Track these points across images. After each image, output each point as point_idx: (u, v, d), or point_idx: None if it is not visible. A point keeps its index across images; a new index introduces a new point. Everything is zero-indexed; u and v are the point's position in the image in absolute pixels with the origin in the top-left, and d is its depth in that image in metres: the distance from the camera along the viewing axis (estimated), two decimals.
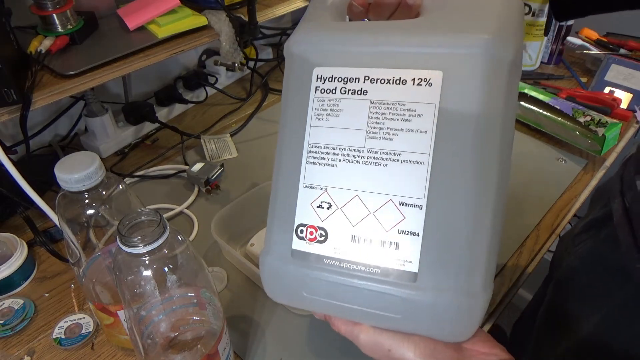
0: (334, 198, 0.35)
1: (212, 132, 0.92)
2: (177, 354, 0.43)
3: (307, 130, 0.36)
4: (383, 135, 0.34)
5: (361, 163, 0.34)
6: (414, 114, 0.33)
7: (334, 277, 0.35)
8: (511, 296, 0.62)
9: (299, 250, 0.37)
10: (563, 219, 0.72)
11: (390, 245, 0.34)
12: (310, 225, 0.36)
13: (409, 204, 0.33)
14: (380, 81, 0.34)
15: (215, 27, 0.76)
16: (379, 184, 0.34)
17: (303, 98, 0.36)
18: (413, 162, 0.33)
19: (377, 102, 0.34)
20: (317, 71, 0.36)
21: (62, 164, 0.44)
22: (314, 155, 0.36)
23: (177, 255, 0.40)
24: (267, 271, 0.39)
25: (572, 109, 0.85)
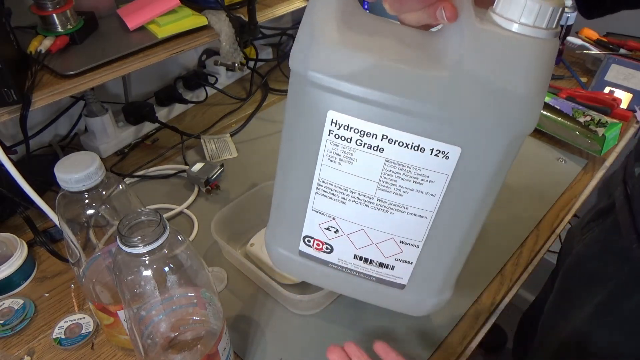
0: (341, 226, 0.39)
1: (212, 132, 0.92)
2: (177, 354, 0.43)
3: (319, 166, 0.37)
4: (394, 190, 0.36)
5: (370, 208, 0.37)
6: (427, 179, 0.35)
7: (336, 274, 0.42)
8: (511, 296, 0.62)
9: (305, 252, 0.42)
10: (563, 219, 0.72)
11: (387, 267, 0.41)
12: (317, 239, 0.41)
13: (408, 243, 0.38)
14: (399, 143, 0.33)
15: (215, 27, 0.76)
16: (384, 226, 0.38)
17: (314, 134, 0.35)
18: (417, 216, 0.37)
19: (392, 161, 0.34)
20: (331, 115, 0.34)
21: (62, 164, 0.44)
22: (324, 189, 0.38)
23: (177, 255, 0.40)
24: (275, 255, 0.45)
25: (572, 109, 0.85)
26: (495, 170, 0.34)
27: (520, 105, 0.31)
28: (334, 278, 0.43)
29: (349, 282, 0.42)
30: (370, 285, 0.42)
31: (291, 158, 0.38)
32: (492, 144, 0.33)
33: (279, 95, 1.04)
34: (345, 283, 0.43)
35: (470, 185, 0.35)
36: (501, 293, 0.62)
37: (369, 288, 0.42)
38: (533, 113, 0.32)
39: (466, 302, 0.60)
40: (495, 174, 0.35)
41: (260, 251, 0.64)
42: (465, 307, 0.60)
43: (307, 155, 0.37)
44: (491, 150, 0.33)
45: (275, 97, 1.03)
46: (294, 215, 0.40)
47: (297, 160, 0.38)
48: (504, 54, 0.30)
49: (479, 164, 0.34)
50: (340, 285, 0.44)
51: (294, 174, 0.39)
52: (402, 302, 0.44)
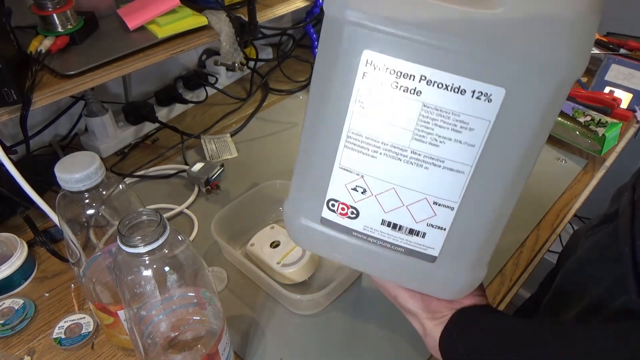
0: (369, 185, 0.36)
1: (212, 132, 0.92)
2: (177, 354, 0.43)
3: (349, 115, 0.34)
4: (430, 140, 0.33)
5: (403, 162, 0.34)
6: (466, 126, 0.32)
7: (361, 245, 0.38)
8: (511, 296, 0.62)
9: (328, 219, 0.38)
10: (563, 219, 0.72)
11: (418, 234, 0.36)
12: (342, 202, 0.37)
13: (442, 204, 0.35)
14: (438, 85, 0.31)
15: (215, 27, 0.76)
16: (417, 183, 0.34)
17: (346, 77, 0.33)
18: (454, 171, 0.33)
19: (430, 106, 0.32)
20: (366, 55, 0.32)
21: (62, 164, 0.44)
22: (353, 142, 0.35)
23: (177, 255, 0.40)
24: (295, 227, 0.41)
25: (572, 109, 0.85)
26: (541, 118, 0.31)
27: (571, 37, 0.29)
28: (358, 251, 0.38)
29: (373, 256, 0.38)
30: (398, 259, 0.37)
31: (319, 110, 0.35)
32: (539, 84, 0.30)
33: (279, 95, 1.04)
34: (370, 257, 0.38)
35: (513, 135, 0.32)
36: (501, 293, 0.62)
37: (396, 262, 0.38)
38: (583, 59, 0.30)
39: None
40: (540, 122, 0.31)
41: (261, 251, 0.64)
42: None
43: (338, 103, 0.34)
44: (538, 92, 0.30)
45: (276, 97, 1.03)
46: (319, 176, 0.37)
47: (325, 111, 0.35)
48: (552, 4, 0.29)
49: (524, 109, 0.31)
50: (364, 260, 0.39)
51: (321, 127, 0.36)
52: (432, 279, 0.38)
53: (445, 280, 0.38)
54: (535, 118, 0.31)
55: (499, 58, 0.30)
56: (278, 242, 0.65)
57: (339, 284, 0.58)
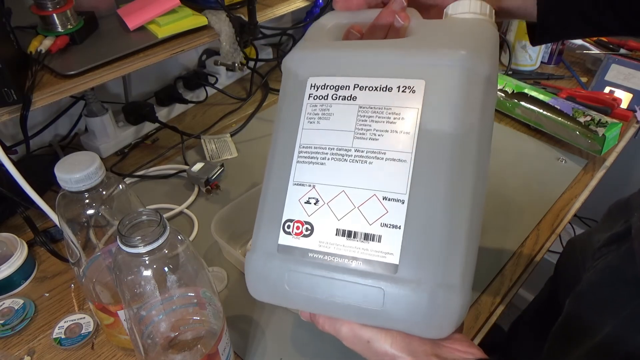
0: (321, 194, 0.37)
1: (212, 132, 0.92)
2: (177, 354, 0.43)
3: (300, 132, 0.39)
4: (369, 136, 0.36)
5: (348, 161, 0.37)
6: (398, 117, 0.36)
7: (317, 270, 0.36)
8: (511, 296, 0.62)
9: (284, 244, 0.37)
10: (563, 219, 0.72)
11: (374, 238, 0.35)
12: (297, 220, 0.37)
13: (391, 198, 0.35)
14: (369, 88, 0.37)
15: (215, 27, 0.76)
16: (364, 181, 0.36)
17: (297, 104, 0.39)
18: (396, 160, 0.35)
19: (364, 106, 0.37)
20: (311, 80, 0.39)
21: (62, 164, 0.44)
22: (304, 154, 0.38)
23: (177, 255, 0.40)
24: (251, 269, 0.39)
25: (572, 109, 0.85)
26: (461, 101, 0.35)
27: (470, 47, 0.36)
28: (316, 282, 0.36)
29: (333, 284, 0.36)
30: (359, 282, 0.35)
31: (277, 142, 0.41)
32: (451, 77, 0.36)
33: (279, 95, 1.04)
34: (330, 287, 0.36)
35: (441, 120, 0.35)
36: (501, 293, 0.62)
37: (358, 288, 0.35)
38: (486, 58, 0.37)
39: None
40: (463, 106, 0.36)
41: None
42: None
43: (290, 126, 0.39)
44: (452, 82, 0.36)
45: (276, 97, 1.03)
46: (276, 201, 0.39)
47: (281, 138, 0.40)
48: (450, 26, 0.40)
49: (444, 96, 0.36)
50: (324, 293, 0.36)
51: (278, 153, 0.40)
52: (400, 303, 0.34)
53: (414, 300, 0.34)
54: (457, 104, 0.35)
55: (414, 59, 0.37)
56: None
57: None
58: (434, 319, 0.34)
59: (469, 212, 0.35)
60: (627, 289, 0.50)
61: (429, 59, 0.37)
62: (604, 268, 0.55)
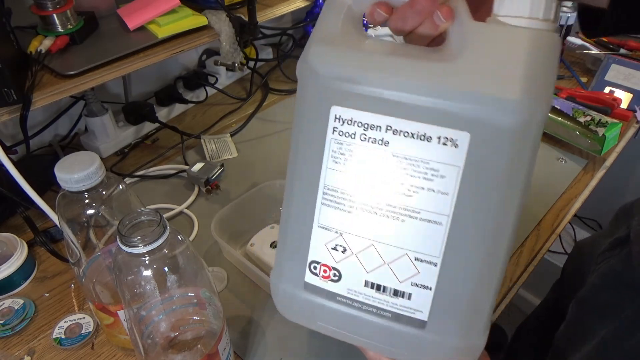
0: (349, 243, 0.35)
1: (212, 132, 0.92)
2: (177, 354, 0.43)
3: (323, 171, 0.35)
4: (403, 191, 0.33)
5: (379, 215, 0.34)
6: (437, 174, 0.32)
7: (346, 311, 0.36)
8: (511, 296, 0.62)
9: (312, 284, 0.37)
10: (563, 219, 0.72)
11: (404, 295, 0.34)
12: (324, 264, 0.36)
13: (424, 260, 0.33)
14: (404, 134, 0.32)
15: (215, 27, 0.76)
16: (395, 238, 0.34)
17: (319, 135, 0.34)
18: (432, 222, 0.33)
19: (399, 156, 0.32)
20: (335, 110, 0.34)
21: (62, 164, 0.44)
22: (329, 198, 0.35)
23: (177, 255, 0.40)
24: (280, 294, 0.40)
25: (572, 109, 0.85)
26: (511, 161, 0.31)
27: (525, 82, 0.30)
28: (344, 319, 0.37)
29: (361, 324, 0.37)
30: (386, 327, 0.36)
31: (296, 168, 0.37)
32: (501, 128, 0.30)
33: (279, 95, 1.04)
34: (357, 326, 0.37)
35: (485, 180, 0.31)
36: (501, 293, 0.62)
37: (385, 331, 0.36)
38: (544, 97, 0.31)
39: None
40: (511, 165, 0.31)
41: (260, 251, 0.64)
42: None
43: (312, 159, 0.35)
44: (501, 135, 0.30)
45: (276, 97, 1.03)
46: (299, 238, 0.37)
47: (302, 168, 0.36)
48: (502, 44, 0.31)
49: (491, 152, 0.31)
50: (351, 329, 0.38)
51: (298, 185, 0.36)
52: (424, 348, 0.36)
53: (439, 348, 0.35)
54: (505, 161, 0.31)
55: (459, 104, 0.30)
56: None
57: None
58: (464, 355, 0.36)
59: (501, 268, 0.34)
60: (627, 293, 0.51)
61: (477, 109, 0.30)
62: (606, 272, 0.56)
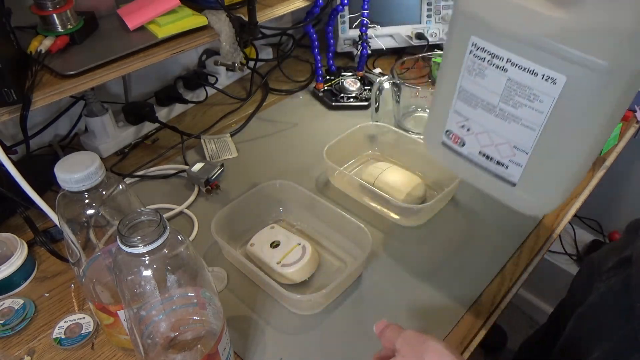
0: (472, 126, 0.49)
1: (212, 132, 0.92)
2: (177, 354, 0.43)
3: (461, 77, 0.48)
4: (512, 104, 0.45)
5: (493, 115, 0.47)
6: (537, 98, 0.43)
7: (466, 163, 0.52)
8: (511, 296, 0.62)
9: (446, 142, 0.53)
10: (563, 219, 0.72)
11: (503, 165, 0.49)
12: (455, 134, 0.51)
13: (520, 148, 0.46)
14: (518, 67, 0.43)
15: (215, 27, 0.76)
16: (503, 132, 0.47)
17: (460, 52, 0.47)
18: (528, 127, 0.45)
19: (512, 80, 0.44)
20: (473, 39, 0.45)
21: (62, 164, 0.44)
22: (462, 95, 0.49)
23: (177, 255, 0.40)
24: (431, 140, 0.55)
25: None
26: (595, 104, 0.40)
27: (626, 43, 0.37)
28: (464, 166, 0.52)
29: (474, 172, 0.51)
30: (489, 178, 0.50)
31: (445, 71, 0.51)
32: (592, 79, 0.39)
33: (279, 95, 1.04)
34: (472, 172, 0.51)
35: (569, 111, 0.41)
36: (501, 293, 0.62)
37: (489, 180, 0.50)
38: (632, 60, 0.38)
39: (466, 302, 0.61)
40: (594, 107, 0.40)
41: (261, 251, 0.64)
42: (465, 307, 0.60)
43: (455, 68, 0.48)
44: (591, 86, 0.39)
45: (275, 97, 1.03)
46: (442, 113, 0.51)
47: (448, 72, 0.50)
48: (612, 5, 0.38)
49: (578, 95, 0.40)
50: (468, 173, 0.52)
51: (445, 82, 0.50)
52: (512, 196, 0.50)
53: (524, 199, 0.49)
54: (589, 103, 0.40)
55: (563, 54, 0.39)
56: (278, 242, 0.65)
57: (339, 284, 0.58)
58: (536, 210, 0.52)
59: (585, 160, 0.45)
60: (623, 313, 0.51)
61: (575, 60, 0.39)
62: (606, 291, 0.56)
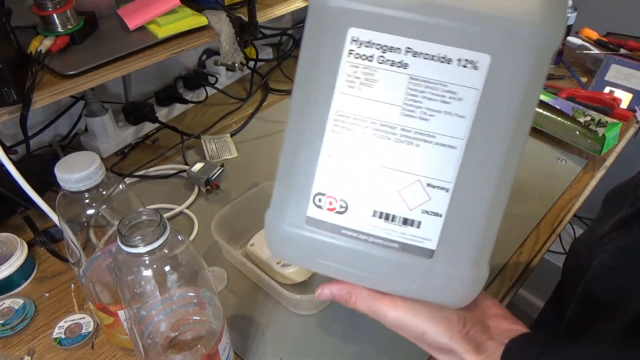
0: (358, 171, 0.34)
1: (212, 132, 0.92)
2: (177, 353, 0.43)
3: (335, 96, 0.33)
4: (419, 114, 0.32)
5: (392, 140, 0.33)
6: (455, 97, 0.32)
7: (350, 245, 0.35)
8: (511, 296, 0.62)
9: (314, 218, 0.35)
10: (563, 219, 0.72)
11: (413, 223, 0.34)
12: (330, 195, 0.35)
13: (436, 186, 0.33)
14: (424, 56, 0.32)
15: (215, 27, 0.76)
16: (408, 163, 0.33)
17: (332, 59, 0.33)
18: (447, 146, 0.32)
19: (417, 78, 0.32)
20: (352, 32, 0.32)
21: (62, 164, 0.44)
22: (340, 124, 0.34)
23: (177, 255, 0.40)
24: (277, 234, 0.37)
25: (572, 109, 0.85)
26: (527, 87, 0.32)
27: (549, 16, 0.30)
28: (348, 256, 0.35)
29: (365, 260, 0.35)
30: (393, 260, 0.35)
31: (304, 96, 0.35)
32: (522, 51, 0.31)
33: (279, 95, 1.04)
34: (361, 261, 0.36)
35: (502, 104, 0.32)
36: (501, 293, 0.62)
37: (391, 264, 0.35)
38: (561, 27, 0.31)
39: None
40: (526, 92, 0.32)
41: (260, 251, 0.64)
42: None
43: (324, 85, 0.34)
44: (522, 58, 0.31)
45: (276, 97, 1.03)
46: (304, 168, 0.35)
47: (310, 96, 0.35)
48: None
49: (510, 75, 0.31)
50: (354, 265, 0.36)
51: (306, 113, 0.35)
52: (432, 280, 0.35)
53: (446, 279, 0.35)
54: (522, 86, 0.31)
55: (481, 26, 0.30)
56: None
57: None
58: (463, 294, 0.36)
59: (506, 200, 0.35)
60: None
61: (500, 30, 0.30)
62: (617, 252, 0.55)
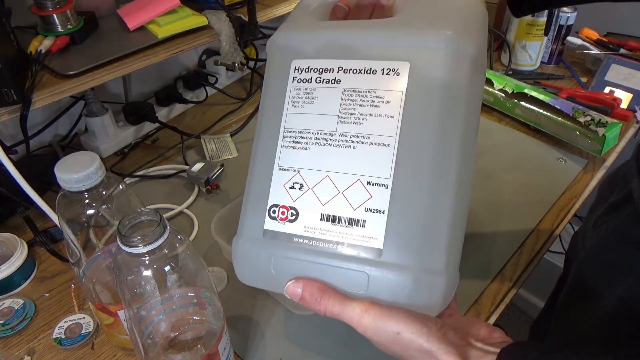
0: (305, 179, 0.37)
1: (212, 132, 0.92)
2: (177, 354, 0.43)
3: (284, 116, 0.39)
4: (354, 120, 0.37)
5: (332, 146, 0.37)
6: (383, 100, 0.36)
7: (302, 255, 0.37)
8: (511, 296, 0.62)
9: (270, 230, 0.38)
10: (563, 219, 0.72)
11: (358, 223, 0.36)
12: (282, 206, 0.38)
13: (375, 183, 0.35)
14: (353, 71, 0.37)
15: (215, 27, 0.76)
16: (348, 165, 0.36)
17: (281, 88, 0.39)
18: (380, 145, 0.36)
19: (349, 90, 0.37)
20: (295, 63, 0.39)
21: (62, 164, 0.44)
22: (288, 139, 0.38)
23: (177, 255, 0.40)
24: (238, 254, 0.40)
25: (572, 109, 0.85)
26: (446, 85, 0.35)
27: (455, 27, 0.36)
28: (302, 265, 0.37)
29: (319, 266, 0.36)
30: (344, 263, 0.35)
31: (263, 118, 0.41)
32: (435, 54, 0.36)
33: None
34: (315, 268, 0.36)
35: (424, 102, 0.35)
36: (501, 293, 0.62)
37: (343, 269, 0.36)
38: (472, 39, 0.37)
39: (466, 303, 0.61)
40: (446, 90, 0.35)
41: None
42: (465, 307, 0.60)
43: (275, 110, 0.40)
44: (436, 61, 0.36)
45: None
46: (261, 187, 0.39)
47: (266, 121, 0.41)
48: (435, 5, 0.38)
49: (427, 76, 0.35)
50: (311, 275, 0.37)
51: (262, 132, 0.40)
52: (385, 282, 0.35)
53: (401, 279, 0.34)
54: (442, 86, 0.35)
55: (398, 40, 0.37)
56: None
57: None
58: (417, 301, 0.35)
59: (452, 195, 0.36)
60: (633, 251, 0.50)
61: (413, 41, 0.36)
62: (607, 234, 0.55)
